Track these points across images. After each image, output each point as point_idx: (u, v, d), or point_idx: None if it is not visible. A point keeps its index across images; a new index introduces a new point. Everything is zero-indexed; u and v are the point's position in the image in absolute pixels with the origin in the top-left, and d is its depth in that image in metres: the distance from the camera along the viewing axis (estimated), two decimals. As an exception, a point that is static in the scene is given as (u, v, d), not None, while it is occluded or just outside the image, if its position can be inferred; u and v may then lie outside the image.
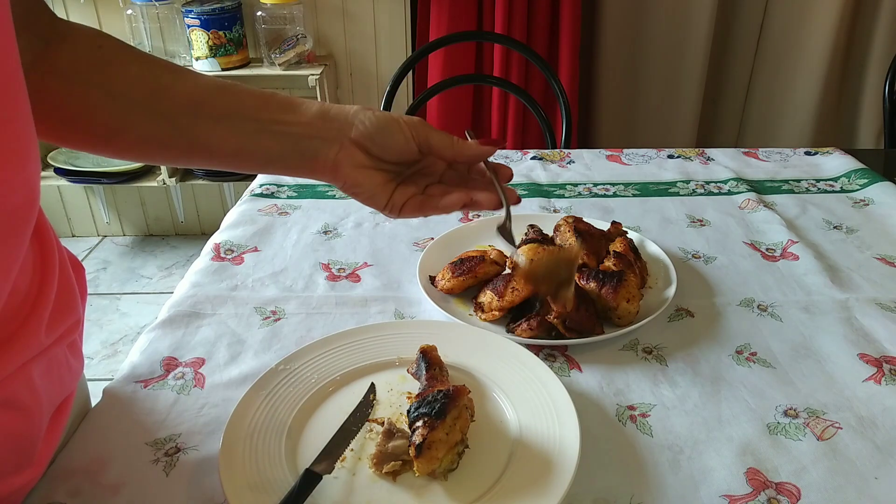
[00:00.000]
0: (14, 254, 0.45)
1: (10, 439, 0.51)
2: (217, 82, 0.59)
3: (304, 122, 0.59)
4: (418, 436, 0.57)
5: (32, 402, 0.53)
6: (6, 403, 0.50)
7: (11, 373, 0.49)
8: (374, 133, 0.59)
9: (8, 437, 0.51)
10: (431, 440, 0.56)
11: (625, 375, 0.72)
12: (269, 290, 0.87)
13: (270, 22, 2.21)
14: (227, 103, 0.58)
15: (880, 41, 2.24)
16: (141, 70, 0.57)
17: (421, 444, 0.56)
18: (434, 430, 0.57)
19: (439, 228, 1.01)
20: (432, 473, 0.58)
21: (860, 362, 0.74)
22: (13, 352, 0.49)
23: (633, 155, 1.28)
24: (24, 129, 0.45)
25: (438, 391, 0.60)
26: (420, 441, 0.56)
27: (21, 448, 0.53)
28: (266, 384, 0.67)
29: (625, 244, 0.87)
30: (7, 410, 0.50)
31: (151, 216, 2.73)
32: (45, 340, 0.53)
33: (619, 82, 2.34)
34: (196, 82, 0.58)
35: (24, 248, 0.47)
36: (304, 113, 0.59)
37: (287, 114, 0.59)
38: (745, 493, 0.58)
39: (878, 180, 1.15)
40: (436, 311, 0.81)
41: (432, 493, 0.57)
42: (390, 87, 1.56)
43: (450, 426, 0.58)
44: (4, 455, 0.51)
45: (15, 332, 0.49)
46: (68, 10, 2.33)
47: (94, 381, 1.92)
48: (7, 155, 0.43)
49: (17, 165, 0.44)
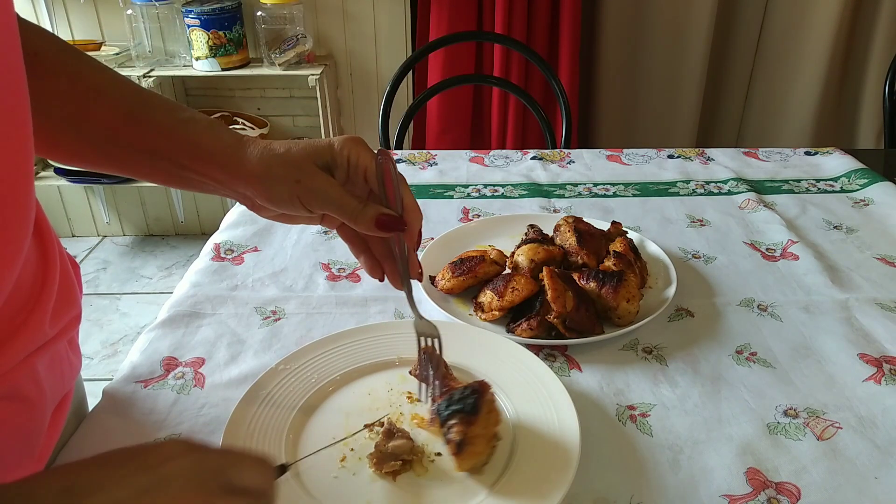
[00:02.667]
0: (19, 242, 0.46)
1: (15, 432, 0.52)
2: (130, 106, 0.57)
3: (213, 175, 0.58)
4: (456, 433, 0.57)
5: (37, 395, 0.54)
6: (12, 395, 0.51)
7: (17, 364, 0.50)
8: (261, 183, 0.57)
9: (13, 430, 0.52)
10: (471, 436, 0.57)
11: (625, 375, 0.72)
12: (269, 290, 0.87)
13: (270, 22, 2.21)
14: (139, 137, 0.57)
15: (880, 41, 2.24)
16: (70, 85, 0.55)
17: (461, 441, 0.56)
18: (472, 426, 0.57)
19: (439, 228, 1.01)
20: (472, 469, 0.58)
21: (860, 362, 0.74)
22: (20, 342, 0.50)
23: (633, 155, 1.28)
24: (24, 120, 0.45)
25: (465, 388, 0.60)
26: (459, 439, 0.56)
27: (25, 441, 0.54)
28: (266, 384, 0.67)
29: (625, 244, 0.87)
30: (13, 402, 0.51)
31: (151, 216, 2.73)
32: (49, 332, 0.54)
33: (619, 82, 2.34)
34: (115, 104, 0.57)
35: (28, 236, 0.48)
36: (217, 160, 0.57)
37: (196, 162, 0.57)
38: (745, 493, 0.58)
39: (878, 180, 1.15)
40: (436, 311, 0.81)
41: (432, 493, 0.57)
42: (390, 87, 1.56)
43: (485, 420, 0.58)
44: (9, 447, 0.52)
45: (22, 324, 0.50)
46: (68, 10, 2.33)
47: (94, 381, 1.93)
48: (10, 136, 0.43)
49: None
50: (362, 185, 0.60)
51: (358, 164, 0.58)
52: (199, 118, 0.58)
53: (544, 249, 0.84)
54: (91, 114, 0.56)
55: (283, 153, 0.57)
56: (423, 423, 0.64)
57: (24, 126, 0.45)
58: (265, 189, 0.57)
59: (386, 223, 0.58)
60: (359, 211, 0.57)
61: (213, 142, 0.57)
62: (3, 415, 0.50)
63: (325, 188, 0.57)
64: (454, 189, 1.15)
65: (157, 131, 0.57)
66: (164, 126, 0.57)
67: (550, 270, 0.77)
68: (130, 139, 0.57)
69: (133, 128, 0.57)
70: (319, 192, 0.57)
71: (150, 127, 0.57)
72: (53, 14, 2.32)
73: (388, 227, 0.58)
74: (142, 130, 0.57)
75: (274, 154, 0.57)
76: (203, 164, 0.57)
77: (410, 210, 0.60)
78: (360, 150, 0.58)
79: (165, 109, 0.58)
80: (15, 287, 0.47)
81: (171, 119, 0.57)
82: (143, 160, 0.58)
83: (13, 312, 0.49)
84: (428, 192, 1.14)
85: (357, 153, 0.58)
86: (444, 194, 1.13)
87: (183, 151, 0.57)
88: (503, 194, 1.13)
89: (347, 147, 0.58)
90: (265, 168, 0.56)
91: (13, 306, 0.49)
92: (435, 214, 1.06)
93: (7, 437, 0.51)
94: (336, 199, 0.57)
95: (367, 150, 0.59)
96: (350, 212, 0.57)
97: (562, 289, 0.75)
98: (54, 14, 2.32)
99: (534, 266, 0.82)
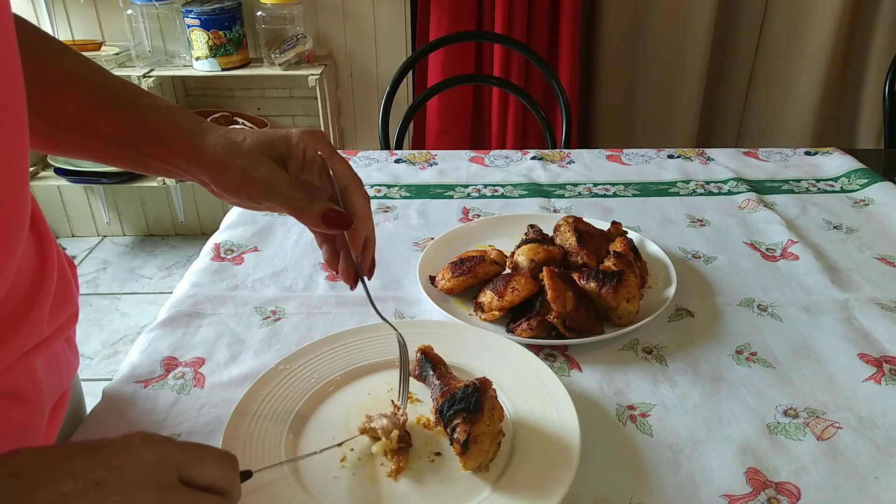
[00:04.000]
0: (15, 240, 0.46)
1: (14, 430, 0.52)
2: (96, 95, 0.57)
3: (174, 162, 0.58)
4: (461, 433, 0.57)
5: (35, 394, 0.54)
6: (11, 394, 0.51)
7: (15, 361, 0.50)
8: (213, 170, 0.58)
9: (12, 429, 0.52)
10: (476, 434, 0.57)
11: (625, 375, 0.72)
12: (269, 289, 0.87)
13: (270, 22, 2.21)
14: (106, 126, 0.58)
15: (880, 41, 2.24)
16: (41, 72, 0.55)
17: (466, 440, 0.56)
18: (476, 424, 0.57)
19: (439, 228, 1.01)
20: (479, 467, 0.58)
21: (860, 362, 0.74)
22: (18, 339, 0.50)
23: (633, 155, 1.28)
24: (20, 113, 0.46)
25: (466, 386, 0.60)
26: (465, 437, 0.56)
27: (23, 440, 0.54)
28: (266, 384, 0.67)
29: (625, 244, 0.87)
30: (11, 401, 0.51)
31: (151, 216, 2.73)
32: (46, 329, 0.54)
33: (619, 82, 2.34)
34: (82, 93, 0.57)
35: (24, 230, 0.48)
36: (177, 148, 0.58)
37: (158, 149, 0.58)
38: (745, 493, 0.58)
39: (878, 180, 1.15)
40: (436, 311, 0.81)
41: (433, 494, 0.57)
42: (390, 87, 1.56)
43: (489, 417, 0.58)
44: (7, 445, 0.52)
45: (20, 321, 0.50)
46: (68, 10, 2.33)
47: (94, 381, 1.93)
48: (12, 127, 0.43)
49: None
50: (319, 180, 0.60)
51: (314, 158, 0.58)
52: (159, 104, 0.59)
53: (544, 249, 0.84)
54: (61, 102, 0.56)
55: (238, 142, 0.57)
56: (429, 425, 0.64)
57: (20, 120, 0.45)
58: (216, 176, 0.57)
59: (332, 220, 0.56)
60: (305, 205, 0.56)
61: (174, 128, 0.58)
62: (2, 413, 0.51)
63: (271, 179, 0.56)
64: (454, 189, 1.15)
65: (121, 120, 0.58)
66: (127, 114, 0.58)
67: (550, 270, 0.77)
68: (98, 128, 0.58)
69: (100, 118, 0.57)
70: (265, 184, 0.56)
71: (116, 116, 0.57)
72: (53, 14, 2.31)
73: (334, 223, 0.56)
74: (108, 120, 0.57)
75: (229, 142, 0.57)
76: (164, 151, 0.58)
77: (359, 216, 0.58)
78: (317, 144, 0.58)
79: (129, 97, 0.58)
80: (13, 283, 0.47)
81: (134, 106, 0.58)
82: (111, 149, 0.59)
83: (11, 309, 0.49)
84: (428, 192, 1.14)
85: (314, 147, 0.57)
86: (444, 194, 1.13)
87: (145, 139, 0.58)
88: (503, 194, 1.13)
89: (304, 140, 0.57)
90: (218, 156, 0.56)
91: (11, 302, 0.49)
92: (435, 214, 1.06)
93: (5, 436, 0.51)
94: (282, 192, 0.56)
95: (324, 144, 0.58)
96: (295, 205, 0.56)
97: (562, 289, 0.75)
98: (54, 14, 2.32)
99: (534, 266, 0.82)
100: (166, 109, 0.58)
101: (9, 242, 0.46)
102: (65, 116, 0.57)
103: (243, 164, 0.56)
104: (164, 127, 0.58)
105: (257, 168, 0.56)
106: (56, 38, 0.59)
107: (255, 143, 0.57)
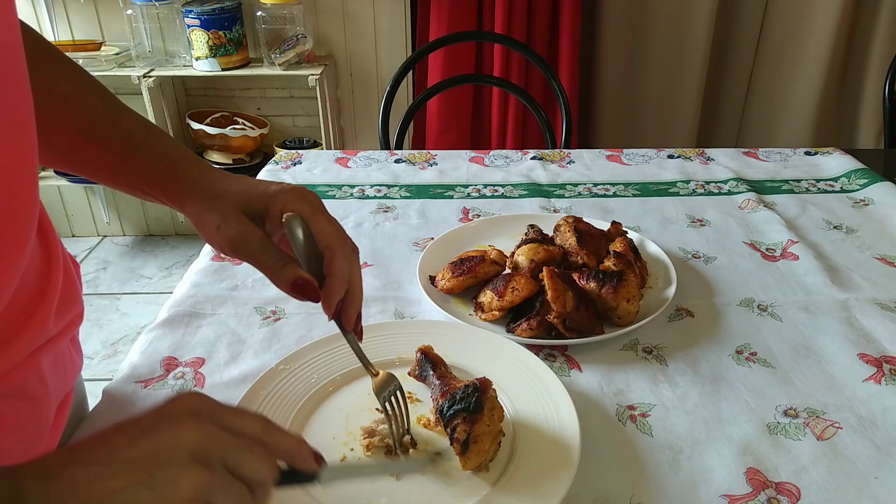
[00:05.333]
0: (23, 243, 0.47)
1: (21, 429, 0.53)
2: (90, 123, 0.58)
3: (162, 200, 0.60)
4: (461, 432, 0.57)
5: (41, 393, 0.54)
6: (18, 392, 0.51)
7: (23, 360, 0.51)
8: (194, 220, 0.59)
9: (19, 427, 0.52)
10: (476, 434, 0.57)
11: (625, 375, 0.72)
12: (269, 289, 0.87)
13: (270, 22, 2.21)
14: (96, 155, 0.59)
15: (880, 41, 2.24)
16: (40, 92, 0.54)
17: (466, 440, 0.56)
18: (476, 424, 0.57)
19: (439, 228, 1.01)
20: (479, 467, 0.58)
21: (860, 362, 0.74)
22: (25, 339, 0.51)
23: (633, 155, 1.28)
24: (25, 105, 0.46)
25: (466, 386, 0.60)
26: (465, 437, 0.56)
27: (30, 439, 0.54)
28: (266, 384, 0.67)
29: (625, 244, 0.87)
30: (19, 400, 0.52)
31: (151, 216, 2.73)
32: (52, 329, 0.54)
33: (619, 82, 2.34)
34: (76, 120, 0.58)
35: (33, 232, 0.48)
36: (162, 192, 0.59)
37: (147, 186, 0.59)
38: (745, 493, 0.58)
39: (878, 180, 1.15)
40: (436, 311, 0.81)
41: (433, 494, 0.57)
42: (390, 87, 1.56)
43: (489, 417, 0.58)
44: (14, 444, 0.52)
45: (27, 321, 0.51)
46: (68, 10, 2.33)
47: (94, 381, 1.92)
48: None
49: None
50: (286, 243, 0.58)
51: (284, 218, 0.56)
52: (153, 141, 0.59)
53: (544, 249, 0.84)
54: (55, 127, 0.57)
55: (219, 195, 0.56)
56: (429, 425, 0.64)
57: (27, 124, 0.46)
58: (196, 226, 0.58)
59: (301, 288, 0.54)
60: (276, 269, 0.54)
61: (161, 171, 0.58)
62: (9, 412, 0.51)
63: (243, 239, 0.55)
64: (454, 189, 1.15)
65: (111, 156, 0.59)
66: (118, 151, 0.58)
67: (550, 270, 0.77)
68: (89, 157, 0.59)
69: (91, 148, 0.58)
70: (237, 242, 0.55)
71: (106, 150, 0.58)
72: (53, 14, 2.32)
73: (303, 293, 0.54)
74: (99, 152, 0.58)
75: (210, 195, 0.56)
76: (151, 189, 0.59)
77: (334, 278, 0.55)
78: (293, 203, 0.55)
79: (122, 130, 0.59)
80: (20, 284, 0.48)
81: (126, 143, 0.58)
82: (104, 175, 0.61)
83: (19, 309, 0.50)
84: (428, 192, 1.14)
85: (291, 206, 0.55)
86: (444, 194, 1.13)
87: (133, 176, 0.59)
88: (503, 194, 1.13)
89: (283, 199, 0.55)
90: (197, 208, 0.57)
91: (19, 303, 0.49)
92: (435, 214, 1.06)
93: (13, 434, 0.52)
94: (253, 253, 0.55)
95: (302, 203, 0.55)
96: (268, 267, 0.54)
97: (562, 289, 0.75)
98: (54, 14, 2.32)
99: (534, 266, 0.82)
100: (160, 148, 0.58)
101: (19, 241, 0.46)
102: (57, 142, 0.58)
103: (217, 221, 0.55)
104: (152, 169, 0.58)
105: (230, 226, 0.55)
106: (57, 50, 0.59)
107: (234, 198, 0.56)
